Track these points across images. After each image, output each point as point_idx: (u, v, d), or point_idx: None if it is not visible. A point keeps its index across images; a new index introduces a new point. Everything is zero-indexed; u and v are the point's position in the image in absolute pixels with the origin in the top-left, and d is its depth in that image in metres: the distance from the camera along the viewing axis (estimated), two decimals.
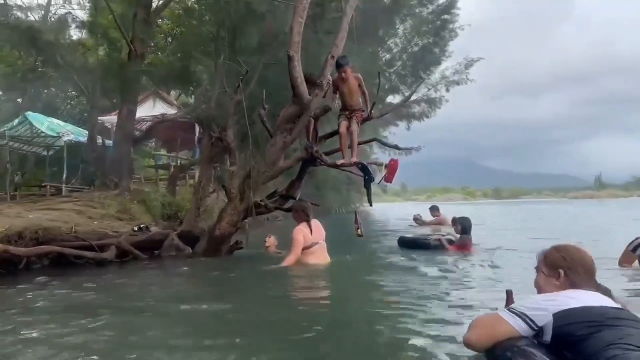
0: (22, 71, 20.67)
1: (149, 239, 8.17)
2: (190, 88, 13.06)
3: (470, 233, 7.92)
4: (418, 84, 19.53)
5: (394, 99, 21.05)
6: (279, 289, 5.24)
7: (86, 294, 4.90)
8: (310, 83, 7.26)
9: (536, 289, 2.50)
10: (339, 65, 6.66)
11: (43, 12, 20.58)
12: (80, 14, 17.55)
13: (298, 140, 7.69)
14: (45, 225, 7.05)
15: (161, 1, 14.80)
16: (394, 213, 30.14)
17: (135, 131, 14.70)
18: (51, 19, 19.88)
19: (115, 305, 4.47)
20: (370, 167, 7.24)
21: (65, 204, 9.19)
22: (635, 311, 2.18)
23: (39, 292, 5.05)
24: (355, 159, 6.93)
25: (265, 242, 8.10)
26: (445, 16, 19.92)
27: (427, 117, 24.88)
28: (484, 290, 4.89)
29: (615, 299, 2.24)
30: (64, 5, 19.97)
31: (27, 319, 3.88)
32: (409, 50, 20.44)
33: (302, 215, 6.41)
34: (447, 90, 23.29)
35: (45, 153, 18.32)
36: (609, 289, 2.31)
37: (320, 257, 6.28)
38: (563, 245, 2.43)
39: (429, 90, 23.45)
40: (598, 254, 2.74)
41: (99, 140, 13.75)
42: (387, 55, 20.36)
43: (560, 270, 2.32)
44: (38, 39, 10.65)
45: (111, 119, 15.70)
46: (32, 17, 17.72)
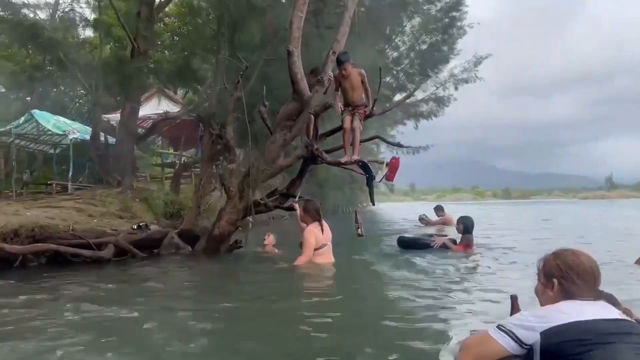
0: (30, 70, 20.72)
1: (148, 237, 8.07)
2: (195, 86, 12.96)
3: (472, 232, 7.79)
4: (423, 80, 19.30)
5: (401, 97, 20.85)
6: (284, 288, 5.25)
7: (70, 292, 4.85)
8: (316, 74, 7.12)
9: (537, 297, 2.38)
10: (340, 62, 6.54)
11: (51, 11, 20.65)
12: (87, 12, 17.46)
13: (299, 137, 7.56)
14: (43, 223, 6.97)
15: None
16: (401, 213, 29.89)
17: (139, 129, 14.63)
18: (58, 17, 19.90)
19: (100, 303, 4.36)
20: (372, 166, 7.10)
21: (66, 202, 9.12)
22: None
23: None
24: (356, 157, 6.79)
25: (264, 240, 7.97)
26: (454, 13, 19.66)
27: (436, 116, 24.65)
28: (485, 291, 4.77)
29: (619, 305, 2.09)
30: (71, 4, 20.00)
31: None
32: (417, 48, 20.22)
33: (315, 215, 6.31)
34: (456, 88, 23.07)
35: (52, 151, 18.36)
36: (612, 295, 2.14)
37: (327, 258, 6.27)
38: (561, 251, 2.27)
39: (437, 89, 23.26)
40: (610, 256, 2.58)
41: (103, 138, 13.68)
42: (395, 53, 20.13)
43: (554, 280, 2.18)
44: (41, 36, 10.61)
45: (116, 117, 15.60)
46: (40, 16, 17.82)
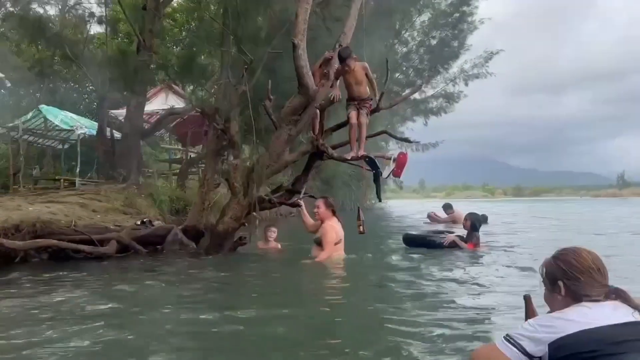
0: (39, 65, 20.72)
1: (151, 233, 7.97)
2: (201, 82, 12.84)
3: (479, 230, 7.58)
4: (432, 73, 19.05)
5: (410, 90, 20.64)
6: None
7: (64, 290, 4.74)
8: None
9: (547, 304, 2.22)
10: (342, 59, 6.38)
11: (60, 7, 20.63)
12: (95, 8, 17.36)
13: (305, 132, 7.43)
14: (44, 218, 6.89)
15: None
16: (411, 210, 29.62)
17: (147, 124, 14.54)
18: (67, 13, 19.87)
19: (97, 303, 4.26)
20: (379, 161, 6.93)
21: (69, 197, 9.04)
22: None
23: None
24: (362, 152, 6.63)
25: (266, 234, 7.76)
26: (464, 8, 19.41)
27: (445, 112, 24.46)
28: (494, 292, 4.61)
29: (631, 301, 1.95)
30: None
31: None
32: (427, 44, 19.99)
33: (332, 211, 6.42)
34: (466, 84, 22.84)
35: (60, 147, 18.34)
36: (623, 290, 1.98)
37: (340, 253, 6.39)
38: (560, 252, 2.12)
39: (447, 85, 23.02)
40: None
41: (109, 133, 13.60)
42: (404, 49, 19.92)
43: (560, 283, 2.03)
44: (47, 31, 10.53)
45: (123, 113, 15.50)
46: (49, 12, 17.79)
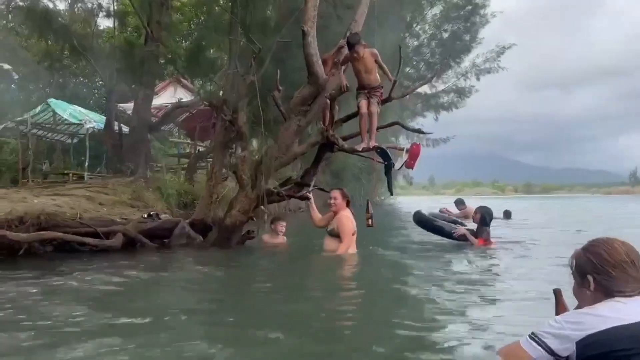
0: (49, 59, 20.71)
1: (158, 226, 7.82)
2: (210, 75, 12.70)
3: (489, 225, 7.33)
4: (445, 65, 18.75)
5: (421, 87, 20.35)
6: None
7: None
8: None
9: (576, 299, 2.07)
10: (350, 45, 6.19)
11: (70, 1, 20.57)
12: (104, 0, 17.24)
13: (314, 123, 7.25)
14: (49, 210, 6.77)
15: None
16: (421, 206, 29.32)
17: (153, 118, 14.43)
18: (77, 6, 19.80)
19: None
20: (391, 153, 6.73)
21: (76, 190, 8.92)
22: None
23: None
24: (374, 143, 6.44)
25: (277, 227, 7.53)
26: (476, 0, 19.09)
27: (456, 107, 24.24)
28: (509, 289, 4.41)
29: None
30: None
31: None
32: (438, 37, 19.70)
33: (348, 202, 6.37)
34: (478, 79, 22.58)
35: (70, 141, 18.32)
36: None
37: (352, 248, 6.28)
38: (591, 243, 1.95)
39: (458, 79, 22.76)
40: None
41: (117, 127, 13.50)
42: (415, 42, 19.64)
43: (589, 277, 1.88)
44: (54, 23, 10.42)
45: (131, 107, 15.45)
46: (59, 6, 17.72)
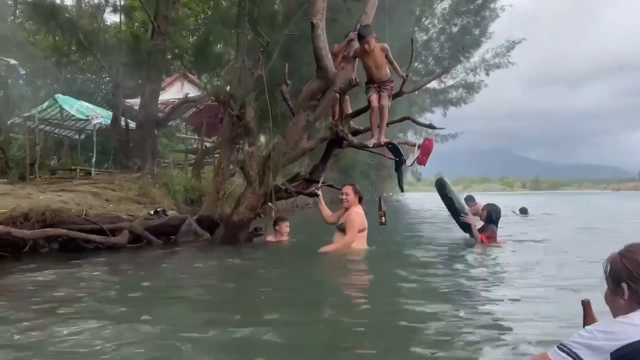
0: (56, 55, 20.67)
1: (164, 223, 7.74)
2: (217, 70, 12.58)
3: (497, 224, 7.11)
4: (455, 59, 18.44)
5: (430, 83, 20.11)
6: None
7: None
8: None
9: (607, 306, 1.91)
10: (361, 37, 6.02)
11: None
12: None
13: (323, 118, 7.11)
14: (55, 207, 6.67)
15: None
16: (429, 203, 29.01)
17: (160, 113, 14.34)
18: (84, 1, 19.74)
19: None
20: (402, 149, 6.56)
21: (82, 186, 8.85)
22: None
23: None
24: (384, 139, 6.27)
25: (281, 228, 7.36)
26: None
27: (465, 103, 24.01)
28: (526, 298, 4.19)
29: None
30: None
31: None
32: (448, 31, 19.44)
33: (360, 198, 6.24)
34: (487, 74, 22.32)
35: (77, 137, 18.29)
36: None
37: (363, 243, 6.15)
38: (628, 248, 1.79)
39: (467, 74, 22.51)
40: None
41: (123, 122, 13.42)
42: (424, 36, 19.37)
43: (624, 285, 1.73)
44: (59, 17, 10.33)
45: (138, 102, 15.37)
46: (66, 1, 17.66)
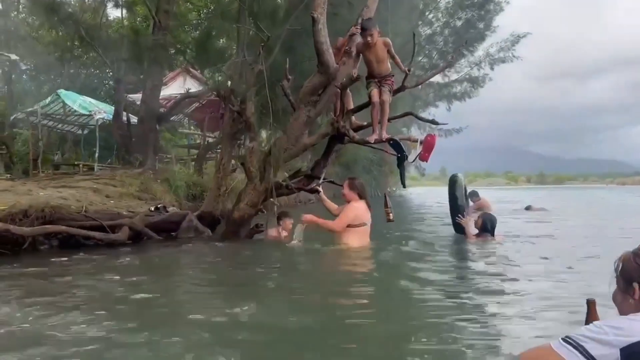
0: (59, 50, 20.66)
1: (165, 219, 7.70)
2: (218, 65, 12.51)
3: (492, 233, 6.82)
4: (459, 53, 18.28)
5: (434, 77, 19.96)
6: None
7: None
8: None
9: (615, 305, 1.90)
10: (364, 29, 5.92)
11: None
12: None
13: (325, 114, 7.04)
14: (54, 203, 6.64)
15: None
16: (432, 198, 28.94)
17: (162, 109, 14.29)
18: None
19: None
20: (404, 144, 6.49)
21: (83, 182, 8.83)
22: None
23: None
24: (386, 135, 6.20)
25: (286, 224, 7.23)
26: None
27: (469, 97, 23.83)
28: (523, 293, 4.11)
29: None
30: None
31: None
32: (452, 25, 19.29)
33: (361, 193, 6.13)
34: (492, 68, 22.15)
35: (80, 132, 18.29)
36: None
37: (363, 239, 6.07)
38: None
39: (471, 69, 22.35)
40: None
41: (125, 117, 13.38)
42: (428, 30, 19.23)
43: (635, 285, 1.73)
44: (60, 12, 10.28)
45: (140, 97, 15.32)
46: None
